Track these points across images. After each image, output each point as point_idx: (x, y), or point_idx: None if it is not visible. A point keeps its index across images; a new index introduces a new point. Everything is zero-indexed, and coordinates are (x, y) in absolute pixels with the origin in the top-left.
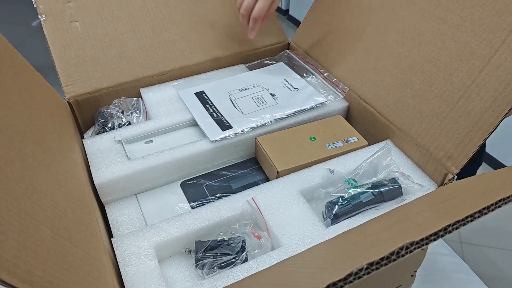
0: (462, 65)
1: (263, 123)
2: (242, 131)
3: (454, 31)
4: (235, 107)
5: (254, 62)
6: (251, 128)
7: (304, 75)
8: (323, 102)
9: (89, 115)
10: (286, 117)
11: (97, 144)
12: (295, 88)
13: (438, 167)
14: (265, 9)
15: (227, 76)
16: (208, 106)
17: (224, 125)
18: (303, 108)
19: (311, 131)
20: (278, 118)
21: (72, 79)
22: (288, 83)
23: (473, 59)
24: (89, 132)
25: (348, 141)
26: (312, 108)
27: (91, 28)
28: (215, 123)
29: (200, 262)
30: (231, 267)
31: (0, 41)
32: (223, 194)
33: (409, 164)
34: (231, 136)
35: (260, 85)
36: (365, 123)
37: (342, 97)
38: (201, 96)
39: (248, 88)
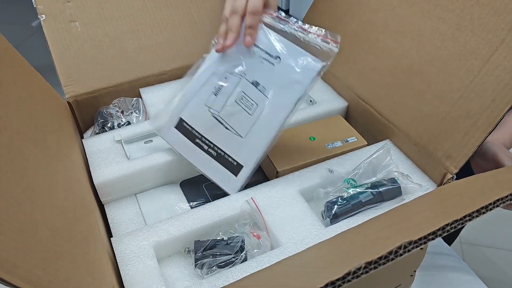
0: (461, 64)
1: (270, 141)
2: (257, 165)
3: (453, 31)
4: (228, 129)
5: None
6: (261, 155)
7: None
8: (319, 67)
9: (89, 115)
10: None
11: (96, 144)
12: (276, 57)
13: (437, 167)
14: (261, 5)
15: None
16: (198, 140)
17: (233, 167)
18: (300, 93)
19: (311, 131)
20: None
21: (72, 79)
22: (267, 54)
23: (472, 59)
24: (89, 132)
25: (348, 141)
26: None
27: (90, 28)
28: (223, 167)
29: (199, 262)
30: (230, 267)
31: (0, 41)
32: (222, 194)
33: (408, 164)
34: (248, 177)
35: (232, 71)
36: (364, 123)
37: (337, 49)
38: (184, 129)
39: (222, 86)
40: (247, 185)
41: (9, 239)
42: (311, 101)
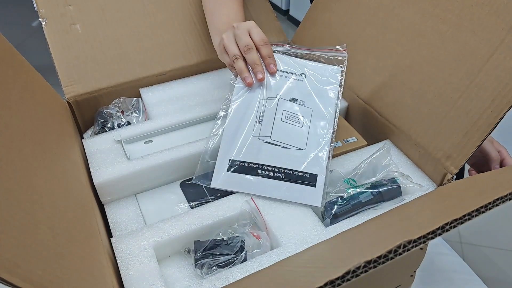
0: (461, 65)
1: (329, 140)
2: (328, 167)
3: (453, 31)
4: (286, 147)
5: None
6: (327, 157)
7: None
8: (341, 70)
9: (89, 115)
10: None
11: (96, 144)
12: (300, 74)
13: (437, 167)
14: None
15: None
16: (260, 171)
17: (307, 179)
18: (334, 93)
19: None
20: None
21: (72, 79)
22: (287, 72)
23: (472, 59)
24: (89, 132)
25: (348, 141)
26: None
27: (91, 30)
28: (297, 185)
29: (199, 262)
30: (230, 267)
31: (1, 41)
32: (222, 194)
33: (408, 164)
34: (326, 182)
35: (266, 97)
36: (364, 123)
37: (346, 54)
38: (239, 168)
39: (263, 113)
40: None
41: (10, 239)
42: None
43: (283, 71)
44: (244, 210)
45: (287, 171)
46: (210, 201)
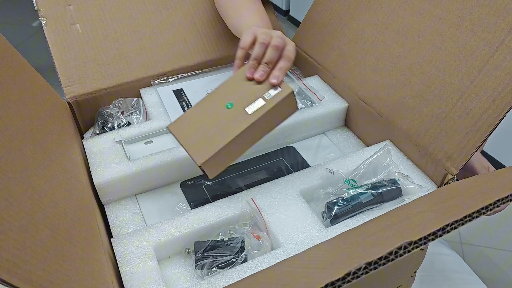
0: (461, 65)
1: None
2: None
3: (453, 31)
4: None
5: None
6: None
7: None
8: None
9: (89, 115)
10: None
11: (97, 145)
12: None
13: (437, 167)
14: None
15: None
16: (183, 103)
17: None
18: None
19: (225, 96)
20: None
21: (72, 79)
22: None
23: (472, 59)
24: (89, 132)
25: (270, 95)
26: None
27: (91, 30)
28: None
29: (199, 263)
30: (230, 267)
31: (1, 42)
32: (223, 194)
33: (408, 164)
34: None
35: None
36: (364, 124)
37: (317, 104)
38: (178, 94)
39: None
40: (247, 186)
41: (9, 239)
42: (310, 102)
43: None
44: (244, 210)
45: None
46: (210, 202)
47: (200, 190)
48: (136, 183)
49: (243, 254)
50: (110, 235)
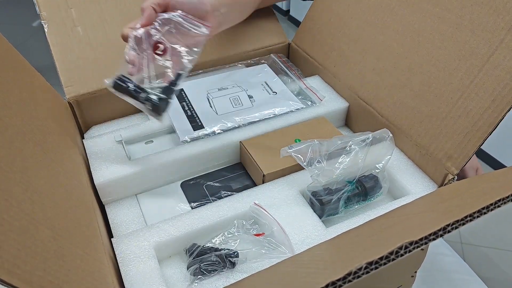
0: (461, 64)
1: (235, 126)
2: (213, 132)
3: (453, 30)
4: (211, 106)
5: (252, 60)
6: (222, 130)
7: (285, 79)
8: (298, 108)
9: (90, 115)
10: (269, 118)
11: (97, 144)
12: (273, 92)
13: (438, 167)
14: None
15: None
16: (184, 103)
17: (196, 125)
18: (277, 112)
19: (296, 133)
20: (250, 122)
21: (73, 79)
22: (268, 86)
23: (472, 59)
24: (90, 132)
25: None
26: (289, 112)
27: (92, 31)
28: (188, 122)
29: (191, 267)
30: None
31: (1, 42)
32: (223, 194)
33: (409, 164)
34: (202, 136)
35: (240, 86)
36: (364, 124)
37: (318, 104)
38: (179, 94)
39: (227, 88)
40: (248, 186)
41: (9, 239)
42: (311, 102)
43: (267, 84)
44: (245, 211)
45: (193, 114)
46: (211, 202)
47: (200, 189)
48: (136, 183)
49: (230, 265)
50: (110, 235)
